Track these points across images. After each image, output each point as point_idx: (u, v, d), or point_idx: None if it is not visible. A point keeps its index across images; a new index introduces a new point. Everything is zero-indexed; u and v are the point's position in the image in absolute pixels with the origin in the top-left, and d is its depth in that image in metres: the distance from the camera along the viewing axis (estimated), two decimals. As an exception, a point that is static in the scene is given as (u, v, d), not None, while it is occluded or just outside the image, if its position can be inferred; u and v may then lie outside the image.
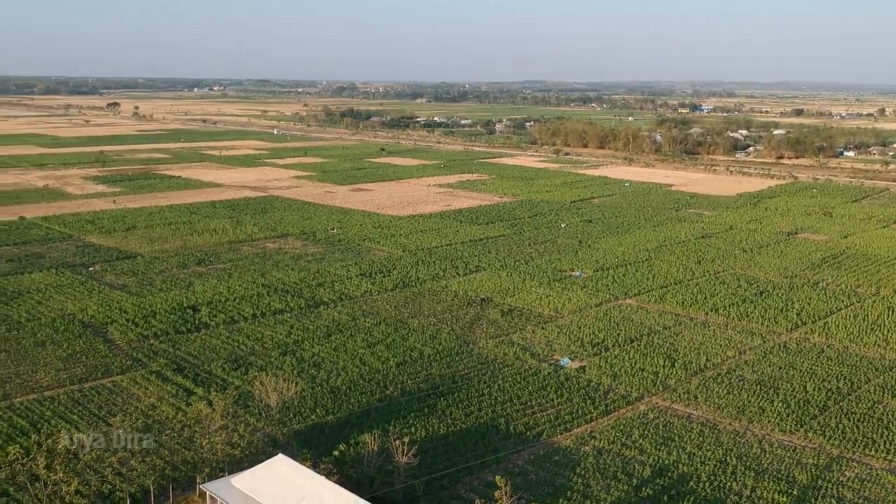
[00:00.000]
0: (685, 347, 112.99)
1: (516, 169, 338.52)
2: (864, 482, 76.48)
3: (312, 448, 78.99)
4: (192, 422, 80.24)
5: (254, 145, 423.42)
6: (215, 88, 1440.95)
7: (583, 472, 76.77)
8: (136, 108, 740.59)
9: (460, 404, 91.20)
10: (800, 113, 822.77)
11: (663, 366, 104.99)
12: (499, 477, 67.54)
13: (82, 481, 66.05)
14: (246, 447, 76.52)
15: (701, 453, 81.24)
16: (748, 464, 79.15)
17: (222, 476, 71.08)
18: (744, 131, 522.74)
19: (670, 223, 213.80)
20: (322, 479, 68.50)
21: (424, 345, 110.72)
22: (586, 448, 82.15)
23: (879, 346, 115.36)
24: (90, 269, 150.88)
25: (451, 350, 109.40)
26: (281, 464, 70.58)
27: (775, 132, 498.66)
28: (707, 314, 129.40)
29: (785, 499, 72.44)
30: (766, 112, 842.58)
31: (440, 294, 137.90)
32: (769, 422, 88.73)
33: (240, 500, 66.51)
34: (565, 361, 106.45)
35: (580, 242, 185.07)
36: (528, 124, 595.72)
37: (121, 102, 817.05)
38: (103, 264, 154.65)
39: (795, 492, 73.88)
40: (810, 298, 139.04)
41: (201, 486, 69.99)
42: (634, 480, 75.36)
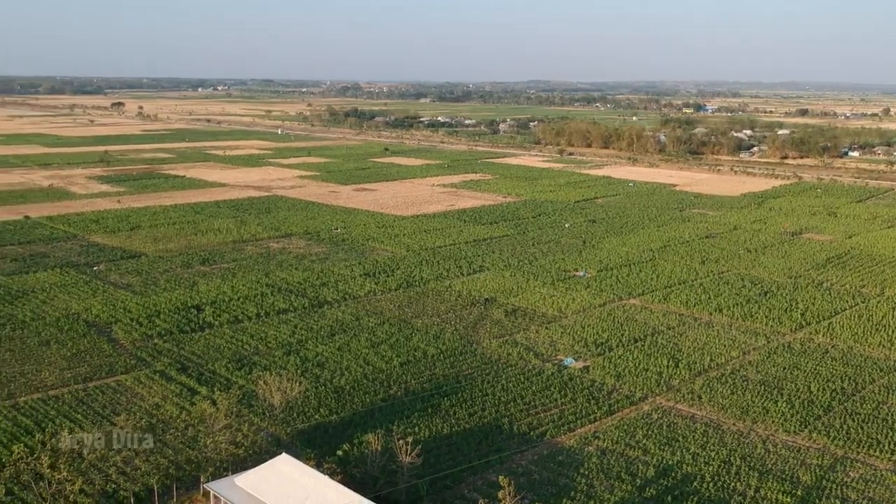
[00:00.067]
0: (689, 348, 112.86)
1: (520, 169, 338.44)
2: (869, 483, 76.32)
3: (316, 448, 79.04)
4: (196, 421, 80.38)
5: (258, 145, 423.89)
6: (219, 88, 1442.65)
7: (586, 473, 76.72)
8: (141, 107, 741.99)
9: (464, 404, 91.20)
10: (804, 113, 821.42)
11: (667, 366, 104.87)
12: (502, 477, 67.47)
13: (86, 480, 66.20)
14: (250, 447, 76.65)
15: (705, 453, 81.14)
16: (752, 464, 79.03)
17: (226, 475, 71.15)
18: (748, 131, 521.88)
19: (674, 223, 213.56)
20: (326, 478, 68.54)
21: (428, 345, 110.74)
22: (590, 448, 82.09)
23: (884, 346, 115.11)
24: (94, 268, 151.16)
25: (455, 350, 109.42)
26: (284, 463, 70.65)
27: (780, 132, 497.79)
28: (711, 314, 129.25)
29: (789, 499, 72.32)
30: (771, 112, 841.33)
31: (444, 294, 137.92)
32: (773, 422, 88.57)
33: (243, 499, 66.58)
34: (569, 361, 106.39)
35: (584, 242, 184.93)
36: (531, 124, 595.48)
37: (125, 102, 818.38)
38: (108, 264, 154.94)
39: (799, 492, 73.74)
40: (815, 299, 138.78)
41: (205, 486, 70.09)
42: (638, 481, 75.29)
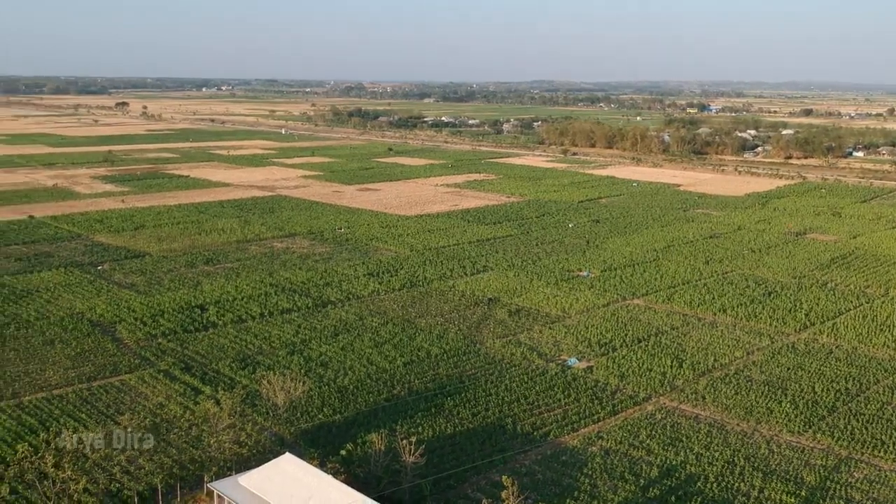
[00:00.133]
0: (693, 348, 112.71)
1: (524, 169, 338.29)
2: (873, 483, 76.14)
3: (320, 447, 79.12)
4: (200, 420, 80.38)
5: (262, 145, 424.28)
6: (223, 88, 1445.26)
7: (590, 473, 76.67)
8: (145, 107, 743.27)
9: (467, 404, 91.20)
10: (809, 113, 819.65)
11: (671, 366, 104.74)
12: (506, 477, 67.46)
13: (91, 479, 66.24)
14: (253, 446, 76.63)
15: (709, 454, 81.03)
16: (756, 465, 78.90)
17: (230, 475, 71.21)
18: (752, 131, 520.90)
19: (678, 223, 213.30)
20: (329, 478, 68.58)
21: (431, 344, 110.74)
22: (593, 448, 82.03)
23: (888, 346, 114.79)
24: (99, 268, 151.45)
25: (459, 350, 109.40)
26: (288, 463, 70.68)
27: (784, 132, 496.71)
28: (715, 314, 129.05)
29: (793, 500, 72.18)
30: (775, 112, 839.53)
31: (447, 294, 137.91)
32: (777, 423, 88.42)
33: (247, 498, 66.64)
34: (573, 361, 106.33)
35: (587, 242, 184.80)
36: (535, 124, 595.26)
37: (129, 102, 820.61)
38: (112, 263, 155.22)
39: (804, 493, 73.60)
40: (819, 299, 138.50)
41: (209, 485, 70.16)
42: (642, 481, 75.22)
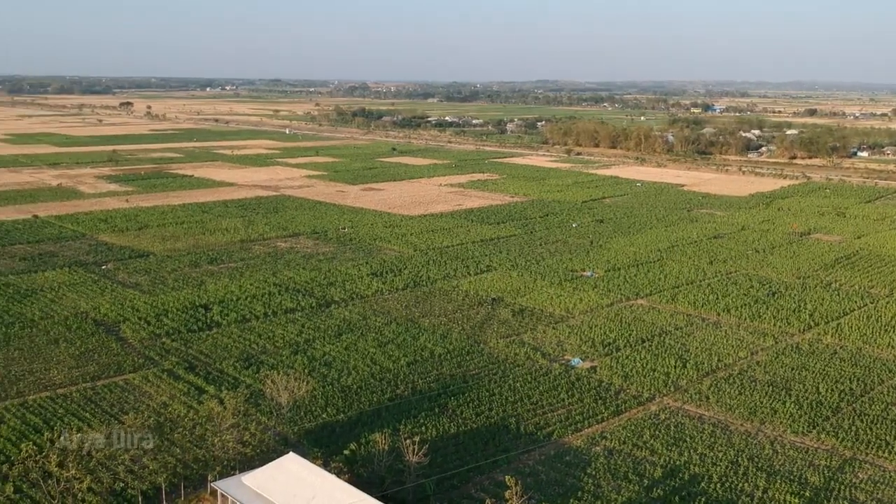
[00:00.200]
0: (697, 348, 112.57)
1: (527, 169, 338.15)
2: (878, 484, 76.00)
3: (323, 447, 79.19)
4: (204, 420, 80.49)
5: (266, 145, 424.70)
6: (227, 88, 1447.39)
7: (593, 473, 76.62)
8: (149, 107, 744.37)
9: (471, 404, 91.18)
10: (813, 113, 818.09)
11: (675, 366, 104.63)
12: (509, 477, 67.46)
13: (95, 479, 66.28)
14: (257, 445, 76.75)
15: (712, 454, 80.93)
16: (760, 465, 78.79)
17: (233, 474, 71.34)
18: (756, 131, 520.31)
19: (682, 223, 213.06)
20: (333, 477, 68.66)
21: (435, 344, 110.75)
22: (597, 448, 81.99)
23: (893, 347, 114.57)
24: (103, 267, 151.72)
25: (462, 350, 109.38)
26: (292, 462, 70.78)
27: (788, 132, 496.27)
28: (719, 315, 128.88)
29: (797, 500, 72.05)
30: (779, 112, 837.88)
31: (451, 294, 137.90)
32: (781, 423, 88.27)
33: (251, 498, 66.72)
34: (576, 361, 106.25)
35: (591, 242, 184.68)
36: (539, 124, 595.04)
37: (133, 102, 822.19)
38: (116, 263, 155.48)
39: (808, 493, 73.47)
40: (823, 299, 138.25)
41: (212, 485, 70.25)
42: (645, 481, 75.16)
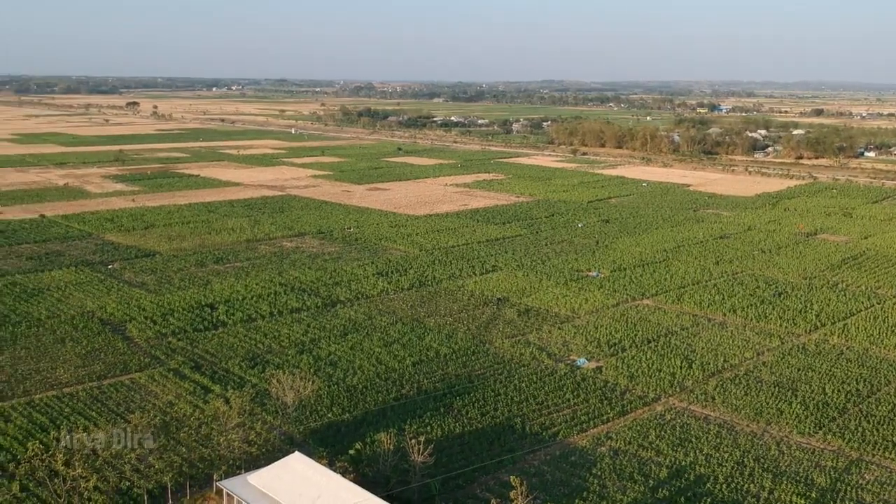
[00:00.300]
0: (702, 348, 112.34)
1: (533, 169, 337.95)
2: (884, 485, 75.72)
3: (328, 446, 79.26)
4: (210, 419, 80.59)
5: (272, 144, 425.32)
6: (234, 88, 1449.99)
7: (599, 473, 76.52)
8: (155, 107, 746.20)
9: (476, 404, 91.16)
10: (819, 113, 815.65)
11: (680, 367, 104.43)
12: (514, 477, 67.35)
13: (101, 478, 66.46)
14: (263, 445, 76.85)
15: (718, 455, 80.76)
16: (766, 466, 78.58)
17: (239, 473, 71.43)
18: (763, 131, 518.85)
19: (688, 223, 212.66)
20: (338, 477, 68.68)
21: (441, 344, 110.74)
22: (602, 449, 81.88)
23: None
24: (109, 266, 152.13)
25: (468, 349, 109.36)
26: (297, 462, 70.84)
27: (795, 132, 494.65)
28: (725, 315, 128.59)
29: (803, 501, 71.83)
30: (786, 112, 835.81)
31: (456, 293, 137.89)
32: (787, 424, 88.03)
33: (256, 497, 66.80)
34: (582, 362, 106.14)
35: (597, 242, 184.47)
36: (545, 124, 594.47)
37: (140, 102, 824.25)
38: (122, 262, 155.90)
39: (814, 494, 73.24)
40: (829, 300, 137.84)
41: (218, 484, 70.36)
42: (651, 481, 75.03)
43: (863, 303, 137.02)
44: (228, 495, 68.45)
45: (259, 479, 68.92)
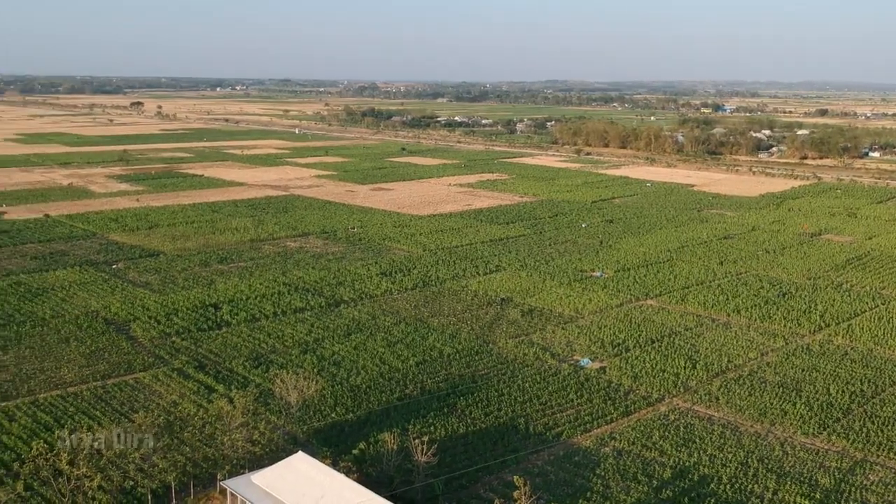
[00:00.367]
0: (706, 349, 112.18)
1: (537, 169, 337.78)
2: (889, 486, 75.52)
3: (332, 446, 79.30)
4: (214, 419, 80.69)
5: (276, 144, 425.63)
6: (238, 88, 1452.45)
7: (602, 473, 76.46)
8: (160, 107, 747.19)
9: (480, 404, 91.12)
10: (824, 113, 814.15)
11: (684, 367, 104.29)
12: (518, 477, 67.36)
13: (105, 477, 66.54)
14: (266, 444, 76.85)
15: (722, 455, 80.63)
16: (770, 466, 78.45)
17: (243, 473, 71.50)
18: (767, 131, 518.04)
19: (692, 224, 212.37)
20: (341, 476, 68.73)
21: (444, 344, 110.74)
22: (606, 449, 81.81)
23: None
24: (113, 266, 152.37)
25: (471, 349, 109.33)
26: (301, 461, 70.89)
27: (799, 132, 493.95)
28: (729, 315, 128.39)
29: (807, 502, 71.68)
30: (790, 112, 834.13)
31: (460, 293, 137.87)
32: (791, 424, 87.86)
33: (260, 497, 66.87)
34: (585, 362, 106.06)
35: (601, 243, 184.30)
36: (549, 124, 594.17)
37: (144, 102, 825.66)
38: (126, 262, 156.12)
39: (818, 495, 73.09)
40: (834, 300, 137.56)
41: (222, 483, 70.43)
42: (655, 482, 74.94)
43: (867, 303, 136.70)
44: (232, 495, 68.53)
45: (263, 478, 68.99)
